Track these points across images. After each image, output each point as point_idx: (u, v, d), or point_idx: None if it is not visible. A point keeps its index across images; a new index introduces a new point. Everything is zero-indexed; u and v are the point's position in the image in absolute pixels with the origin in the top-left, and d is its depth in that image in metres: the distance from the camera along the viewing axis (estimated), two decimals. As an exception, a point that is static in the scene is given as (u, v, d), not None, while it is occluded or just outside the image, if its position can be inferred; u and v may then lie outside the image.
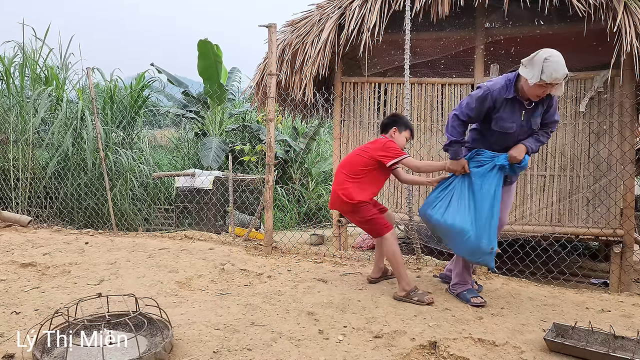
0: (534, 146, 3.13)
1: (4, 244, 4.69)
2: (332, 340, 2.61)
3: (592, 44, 5.00)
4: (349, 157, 3.54)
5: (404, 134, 3.56)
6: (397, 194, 5.91)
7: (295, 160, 12.70)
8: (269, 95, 4.58)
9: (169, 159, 12.58)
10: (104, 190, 7.02)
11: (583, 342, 2.50)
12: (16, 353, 2.36)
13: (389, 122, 3.62)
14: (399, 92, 5.81)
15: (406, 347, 2.53)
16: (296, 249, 4.82)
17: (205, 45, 11.43)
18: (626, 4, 4.59)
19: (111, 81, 9.14)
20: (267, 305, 3.15)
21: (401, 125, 3.56)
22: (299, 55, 5.77)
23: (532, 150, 3.12)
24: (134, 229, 7.47)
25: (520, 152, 3.08)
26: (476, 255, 3.11)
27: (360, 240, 7.95)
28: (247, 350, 2.48)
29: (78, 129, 7.77)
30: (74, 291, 3.36)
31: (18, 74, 7.88)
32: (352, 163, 3.45)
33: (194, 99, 12.93)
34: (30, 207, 7.29)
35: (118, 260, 4.17)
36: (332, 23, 5.51)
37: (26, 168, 7.27)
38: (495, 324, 2.88)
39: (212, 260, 4.20)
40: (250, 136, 12.75)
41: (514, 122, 3.06)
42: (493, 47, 5.75)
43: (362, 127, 6.13)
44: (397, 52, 5.61)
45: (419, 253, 4.45)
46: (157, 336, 2.48)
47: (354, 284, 3.65)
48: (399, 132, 3.55)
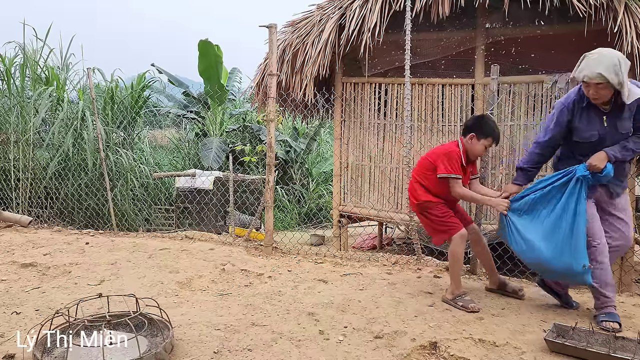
0: (618, 153, 2.83)
1: (4, 244, 4.70)
2: (333, 341, 2.61)
3: (593, 45, 4.95)
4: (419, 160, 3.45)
5: (483, 142, 3.21)
6: (398, 194, 5.91)
7: (296, 160, 12.70)
8: (270, 95, 4.58)
9: (170, 160, 12.58)
10: (105, 191, 7.03)
11: (584, 343, 2.50)
12: (17, 353, 2.37)
13: (469, 125, 3.30)
14: (399, 93, 5.81)
15: (407, 348, 2.53)
16: (297, 250, 4.82)
17: (205, 45, 11.43)
18: (627, 4, 4.59)
19: (112, 81, 9.15)
20: (267, 305, 3.15)
21: (481, 131, 3.21)
22: (300, 56, 5.77)
23: (615, 157, 2.83)
24: (134, 229, 7.47)
25: (599, 159, 2.82)
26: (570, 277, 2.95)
27: (361, 240, 7.95)
28: (248, 350, 2.48)
29: (79, 129, 7.77)
30: (75, 291, 3.36)
31: (19, 74, 7.89)
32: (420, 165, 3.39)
33: (195, 100, 12.93)
34: (30, 208, 7.30)
35: (119, 260, 4.17)
36: (332, 23, 5.51)
37: (27, 168, 7.28)
38: (495, 324, 2.88)
39: (213, 261, 4.20)
40: (251, 136, 12.75)
41: (595, 130, 2.88)
42: (494, 48, 5.75)
43: (362, 128, 6.12)
44: (398, 52, 5.61)
45: (419, 253, 4.45)
46: (158, 336, 2.48)
47: (355, 284, 3.65)
48: (477, 139, 3.22)
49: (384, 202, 5.97)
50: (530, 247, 2.97)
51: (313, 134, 12.97)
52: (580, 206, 2.82)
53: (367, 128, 6.08)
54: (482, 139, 3.19)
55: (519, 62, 5.89)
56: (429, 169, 3.29)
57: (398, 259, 4.42)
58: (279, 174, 12.18)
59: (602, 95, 2.77)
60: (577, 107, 2.94)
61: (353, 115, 6.18)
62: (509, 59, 5.80)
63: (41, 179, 7.51)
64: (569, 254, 2.83)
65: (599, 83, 2.71)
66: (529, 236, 2.98)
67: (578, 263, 2.80)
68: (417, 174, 3.37)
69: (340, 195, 6.29)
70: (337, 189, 6.30)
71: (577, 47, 5.17)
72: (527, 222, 3.03)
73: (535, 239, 2.95)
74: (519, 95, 5.30)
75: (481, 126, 3.22)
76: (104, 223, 7.59)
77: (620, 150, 2.84)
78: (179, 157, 12.71)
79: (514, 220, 3.09)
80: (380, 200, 6.01)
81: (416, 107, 5.73)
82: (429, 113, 5.72)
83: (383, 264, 4.27)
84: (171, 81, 13.02)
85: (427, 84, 5.70)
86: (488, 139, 3.20)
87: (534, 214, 3.02)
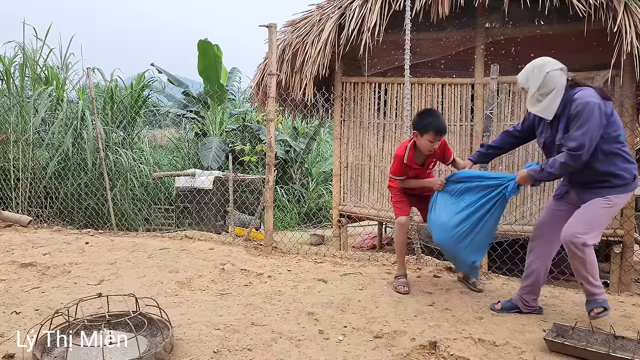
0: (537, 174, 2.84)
1: (4, 244, 4.69)
2: (332, 341, 2.61)
3: (592, 44, 4.99)
4: None
5: (425, 137, 3.24)
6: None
7: (296, 160, 12.70)
8: (269, 95, 4.58)
9: (169, 159, 12.57)
10: (104, 190, 7.02)
11: (583, 343, 2.50)
12: (16, 353, 2.37)
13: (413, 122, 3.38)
14: (399, 92, 5.81)
15: (406, 347, 2.53)
16: (296, 249, 4.82)
17: (205, 45, 11.43)
18: (626, 4, 4.59)
19: (111, 81, 9.14)
20: (267, 305, 3.15)
21: (420, 128, 3.26)
22: (299, 55, 5.77)
23: (534, 178, 2.87)
24: (134, 229, 7.47)
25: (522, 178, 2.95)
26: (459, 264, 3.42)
27: (361, 240, 7.95)
28: (248, 350, 2.48)
29: (78, 129, 7.77)
30: (74, 291, 3.36)
31: (18, 74, 7.89)
32: None
33: (194, 99, 12.93)
34: (30, 207, 7.30)
35: (118, 260, 4.17)
36: (332, 23, 5.51)
37: (26, 168, 7.28)
38: (495, 324, 2.88)
39: (213, 260, 4.20)
40: (251, 136, 12.74)
41: (542, 137, 2.93)
42: (493, 47, 5.74)
43: (362, 127, 6.12)
44: (397, 52, 5.61)
45: (419, 253, 4.45)
46: (158, 336, 2.48)
47: (354, 284, 3.65)
48: (420, 136, 3.28)
49: (383, 201, 5.97)
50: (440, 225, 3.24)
51: (313, 133, 12.97)
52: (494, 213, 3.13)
53: (366, 128, 6.08)
54: (424, 135, 3.25)
55: (518, 62, 5.88)
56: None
57: (398, 258, 4.41)
58: (279, 174, 12.18)
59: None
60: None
61: (353, 115, 6.18)
62: (508, 58, 5.80)
63: (41, 179, 7.50)
64: (467, 247, 3.15)
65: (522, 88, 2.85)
66: (444, 216, 3.24)
67: (471, 257, 3.18)
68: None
69: (340, 195, 6.29)
70: (337, 188, 6.30)
71: (577, 46, 5.20)
72: (448, 203, 3.28)
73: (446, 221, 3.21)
74: (518, 94, 5.30)
75: (418, 123, 3.29)
76: (103, 223, 7.59)
77: (539, 172, 2.82)
78: (178, 156, 12.71)
79: (440, 198, 3.35)
80: (380, 200, 6.01)
81: (416, 107, 5.73)
82: (428, 113, 5.71)
83: (383, 264, 4.27)
84: (171, 81, 13.01)
85: (426, 83, 5.70)
86: (429, 133, 3.22)
87: (455, 199, 3.27)
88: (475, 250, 3.19)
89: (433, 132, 3.21)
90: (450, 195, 3.30)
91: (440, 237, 3.24)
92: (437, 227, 3.26)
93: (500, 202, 3.11)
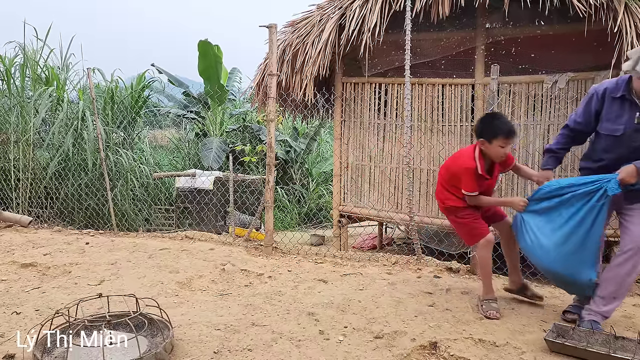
0: None
1: (4, 244, 4.70)
2: (333, 341, 2.61)
3: (593, 45, 4.99)
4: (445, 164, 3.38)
5: (495, 143, 2.95)
6: (398, 194, 5.91)
7: (296, 160, 12.70)
8: (270, 95, 4.58)
9: (170, 160, 12.57)
10: (105, 191, 7.03)
11: (584, 343, 2.50)
12: (17, 353, 2.37)
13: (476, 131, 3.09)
14: (399, 93, 5.81)
15: (407, 348, 2.53)
16: (297, 250, 4.82)
17: (205, 45, 11.42)
18: (627, 4, 4.59)
19: (112, 81, 9.14)
20: (267, 305, 3.15)
21: (488, 134, 2.97)
22: (300, 56, 5.77)
23: None
24: (134, 230, 7.47)
25: (629, 174, 2.62)
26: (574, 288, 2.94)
27: (361, 240, 7.94)
28: (248, 350, 2.48)
29: (79, 130, 7.77)
30: (75, 291, 3.36)
31: (19, 74, 7.89)
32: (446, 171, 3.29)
33: (195, 100, 12.92)
34: (30, 208, 7.30)
35: (119, 260, 4.17)
36: (332, 23, 5.51)
37: (27, 168, 7.28)
38: (495, 324, 2.88)
39: (213, 261, 4.20)
40: (251, 136, 12.74)
41: (621, 124, 2.69)
42: (494, 48, 5.74)
43: (362, 128, 6.12)
44: (398, 52, 5.61)
45: (419, 253, 4.45)
46: (158, 336, 2.49)
47: (355, 284, 3.65)
48: (488, 143, 2.99)
49: (384, 202, 5.97)
50: (540, 249, 2.90)
51: (313, 134, 12.96)
52: (598, 220, 2.73)
53: (367, 128, 6.08)
54: (493, 141, 2.96)
55: (519, 62, 5.89)
56: (453, 178, 3.18)
57: (398, 259, 4.42)
58: (279, 174, 12.17)
59: None
60: (608, 96, 2.77)
61: (353, 115, 6.18)
62: (509, 58, 5.80)
63: (41, 179, 7.51)
64: (577, 265, 2.77)
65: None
66: (542, 238, 2.89)
67: (587, 273, 2.75)
68: (443, 178, 3.28)
69: (340, 195, 6.29)
70: (337, 189, 6.30)
71: (577, 47, 5.19)
72: (542, 224, 2.93)
73: (547, 243, 2.87)
74: (519, 95, 5.30)
75: (486, 128, 3.02)
76: (104, 223, 7.59)
77: None
78: (179, 157, 12.70)
79: (529, 220, 2.99)
80: (380, 200, 6.01)
81: (416, 107, 5.73)
82: (429, 113, 5.72)
83: (383, 264, 4.27)
84: (171, 81, 13.01)
85: (427, 84, 5.70)
86: (498, 138, 2.94)
87: (549, 217, 2.91)
88: (590, 265, 2.77)
89: (503, 137, 2.93)
90: (541, 214, 2.95)
91: (546, 261, 2.88)
92: (539, 252, 2.90)
93: (604, 206, 2.72)
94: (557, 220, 2.86)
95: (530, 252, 2.98)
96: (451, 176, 3.20)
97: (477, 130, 3.07)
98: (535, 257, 2.96)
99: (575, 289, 2.94)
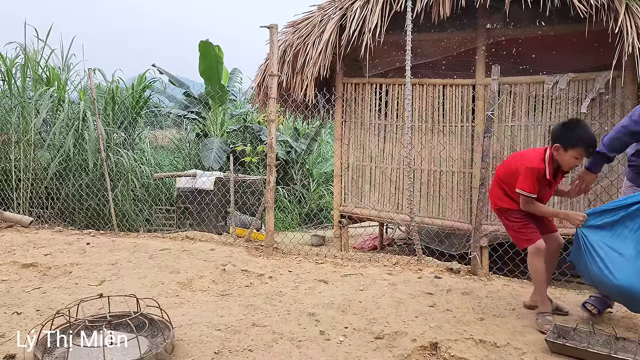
0: None
1: (5, 244, 4.70)
2: (333, 341, 2.61)
3: (594, 45, 4.99)
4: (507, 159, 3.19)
5: (570, 153, 2.75)
6: (399, 195, 5.91)
7: (297, 161, 12.70)
8: (270, 96, 4.59)
9: (170, 160, 12.58)
10: (106, 191, 7.03)
11: (584, 344, 2.50)
12: (17, 353, 2.37)
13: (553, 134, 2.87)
14: (400, 93, 5.81)
15: (407, 348, 2.53)
16: (297, 250, 4.81)
17: (206, 46, 11.43)
18: (627, 5, 4.59)
19: (112, 82, 9.15)
20: (268, 306, 3.15)
21: (566, 141, 2.75)
22: (300, 56, 5.78)
23: None
24: (135, 230, 7.47)
25: None
26: None
27: (362, 241, 7.94)
28: (249, 351, 2.48)
29: (79, 130, 7.78)
30: (75, 292, 3.36)
31: (20, 74, 7.90)
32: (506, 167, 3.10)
33: (195, 100, 12.93)
34: (31, 208, 7.31)
35: (119, 260, 4.18)
36: (333, 24, 5.52)
37: (28, 169, 7.29)
38: (496, 325, 2.88)
39: (214, 261, 4.20)
40: (252, 137, 12.74)
41: None
42: (494, 48, 5.74)
43: (363, 128, 6.13)
44: (398, 53, 5.61)
45: (420, 254, 4.45)
46: (158, 337, 2.49)
47: (355, 284, 3.65)
48: (563, 150, 2.78)
49: (384, 202, 5.97)
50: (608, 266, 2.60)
51: (314, 134, 12.97)
52: None
53: (367, 128, 6.08)
54: (569, 150, 2.74)
55: (519, 63, 5.89)
56: (512, 174, 2.98)
57: (399, 259, 4.42)
58: (280, 175, 12.18)
59: None
60: None
61: (354, 116, 6.18)
62: (509, 59, 5.79)
63: (42, 179, 7.52)
64: None
65: None
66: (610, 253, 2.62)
67: None
68: (500, 176, 3.10)
69: (341, 196, 6.29)
70: (338, 189, 6.30)
71: (578, 47, 5.19)
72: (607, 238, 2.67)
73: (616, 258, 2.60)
74: (519, 95, 5.30)
75: (565, 135, 2.77)
76: (104, 223, 7.60)
77: None
78: (179, 157, 12.71)
79: (590, 236, 2.71)
80: (381, 201, 6.01)
81: (417, 108, 5.74)
82: (429, 113, 5.72)
83: (384, 265, 4.27)
84: (172, 81, 13.02)
85: (427, 84, 5.71)
86: (576, 149, 2.72)
87: (615, 231, 2.67)
88: None
89: (583, 148, 2.72)
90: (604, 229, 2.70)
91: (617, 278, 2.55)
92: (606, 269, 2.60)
93: None
94: (624, 233, 2.63)
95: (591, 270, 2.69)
96: (510, 174, 2.99)
97: (555, 134, 2.85)
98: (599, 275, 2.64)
99: None
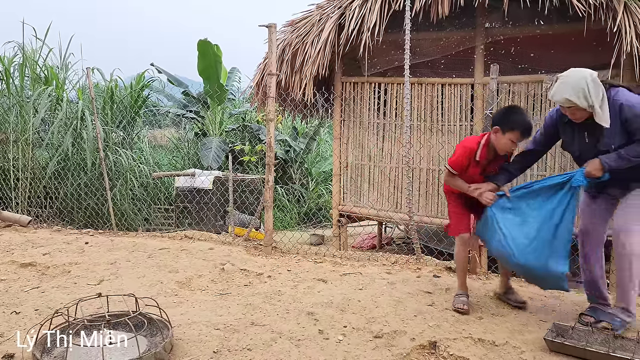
0: (613, 162, 2.67)
1: (4, 243, 4.69)
2: (332, 340, 2.61)
3: (592, 44, 4.99)
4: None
5: (508, 135, 2.92)
6: (397, 194, 5.91)
7: (295, 160, 12.70)
8: (269, 95, 4.58)
9: (169, 159, 12.57)
10: (104, 190, 7.02)
11: (583, 342, 2.50)
12: (16, 353, 2.37)
13: (494, 118, 3.07)
14: (399, 92, 5.81)
15: (406, 347, 2.53)
16: (296, 249, 4.82)
17: (205, 45, 11.42)
18: (626, 4, 4.59)
19: (111, 81, 9.14)
20: (267, 305, 3.15)
21: (505, 124, 2.93)
22: (299, 55, 5.77)
23: (610, 165, 2.67)
24: (134, 229, 7.47)
25: (595, 168, 2.71)
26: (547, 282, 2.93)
27: (360, 240, 7.95)
28: (247, 350, 2.48)
29: (78, 129, 7.76)
30: (74, 291, 3.36)
31: (18, 73, 7.89)
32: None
33: (194, 99, 12.92)
34: (30, 207, 7.29)
35: (118, 260, 4.17)
36: (332, 23, 5.51)
37: (26, 168, 7.27)
38: (495, 324, 2.88)
39: (212, 260, 4.20)
40: (250, 136, 12.74)
41: (575, 146, 2.85)
42: (493, 47, 5.74)
43: (362, 127, 6.13)
44: (397, 52, 5.61)
45: (419, 253, 4.45)
46: (157, 336, 2.49)
47: (354, 283, 3.65)
48: (501, 132, 2.95)
49: (383, 201, 5.97)
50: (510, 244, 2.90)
51: (313, 133, 12.96)
52: (568, 212, 2.79)
53: (366, 128, 6.08)
54: (507, 133, 2.91)
55: (518, 62, 5.89)
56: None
57: (397, 258, 4.42)
58: (279, 174, 12.17)
59: (578, 117, 2.70)
60: (560, 120, 2.90)
61: (352, 115, 6.18)
62: (508, 58, 5.80)
63: (40, 179, 7.50)
64: (549, 257, 2.78)
65: (570, 106, 2.66)
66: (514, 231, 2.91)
67: (559, 266, 2.77)
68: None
69: (340, 195, 6.29)
70: (337, 188, 6.30)
71: (577, 46, 5.19)
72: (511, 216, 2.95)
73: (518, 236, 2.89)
74: (518, 94, 5.30)
75: (505, 118, 2.95)
76: (103, 223, 7.59)
77: (616, 159, 2.68)
78: (178, 156, 12.70)
79: (497, 215, 2.99)
80: (380, 200, 6.01)
81: (416, 107, 5.73)
82: (428, 113, 5.72)
83: (382, 264, 4.27)
84: (170, 81, 13.01)
85: (426, 83, 5.70)
86: (514, 132, 2.90)
87: (518, 212, 2.95)
88: (561, 258, 2.78)
89: (519, 132, 2.91)
90: (510, 209, 2.98)
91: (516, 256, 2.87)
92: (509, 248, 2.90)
93: (572, 199, 2.78)
94: (526, 212, 2.91)
95: (498, 249, 2.98)
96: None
97: (496, 117, 3.03)
98: (505, 253, 2.93)
99: (548, 283, 2.93)
